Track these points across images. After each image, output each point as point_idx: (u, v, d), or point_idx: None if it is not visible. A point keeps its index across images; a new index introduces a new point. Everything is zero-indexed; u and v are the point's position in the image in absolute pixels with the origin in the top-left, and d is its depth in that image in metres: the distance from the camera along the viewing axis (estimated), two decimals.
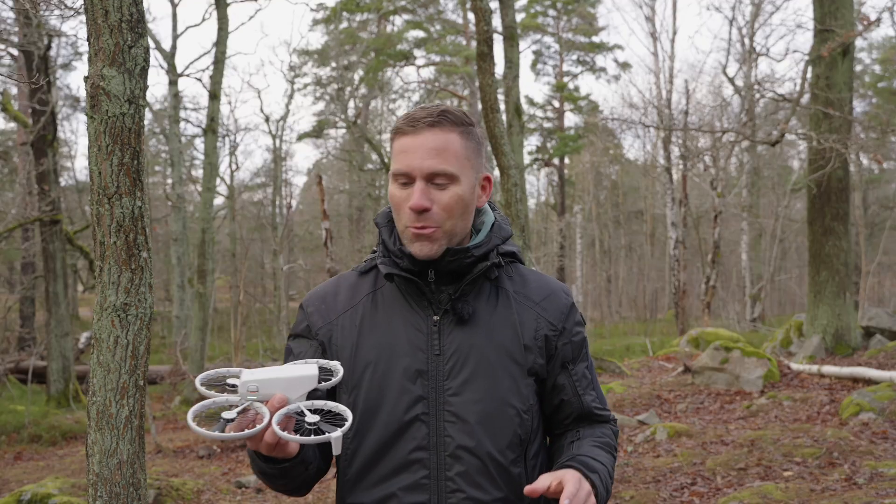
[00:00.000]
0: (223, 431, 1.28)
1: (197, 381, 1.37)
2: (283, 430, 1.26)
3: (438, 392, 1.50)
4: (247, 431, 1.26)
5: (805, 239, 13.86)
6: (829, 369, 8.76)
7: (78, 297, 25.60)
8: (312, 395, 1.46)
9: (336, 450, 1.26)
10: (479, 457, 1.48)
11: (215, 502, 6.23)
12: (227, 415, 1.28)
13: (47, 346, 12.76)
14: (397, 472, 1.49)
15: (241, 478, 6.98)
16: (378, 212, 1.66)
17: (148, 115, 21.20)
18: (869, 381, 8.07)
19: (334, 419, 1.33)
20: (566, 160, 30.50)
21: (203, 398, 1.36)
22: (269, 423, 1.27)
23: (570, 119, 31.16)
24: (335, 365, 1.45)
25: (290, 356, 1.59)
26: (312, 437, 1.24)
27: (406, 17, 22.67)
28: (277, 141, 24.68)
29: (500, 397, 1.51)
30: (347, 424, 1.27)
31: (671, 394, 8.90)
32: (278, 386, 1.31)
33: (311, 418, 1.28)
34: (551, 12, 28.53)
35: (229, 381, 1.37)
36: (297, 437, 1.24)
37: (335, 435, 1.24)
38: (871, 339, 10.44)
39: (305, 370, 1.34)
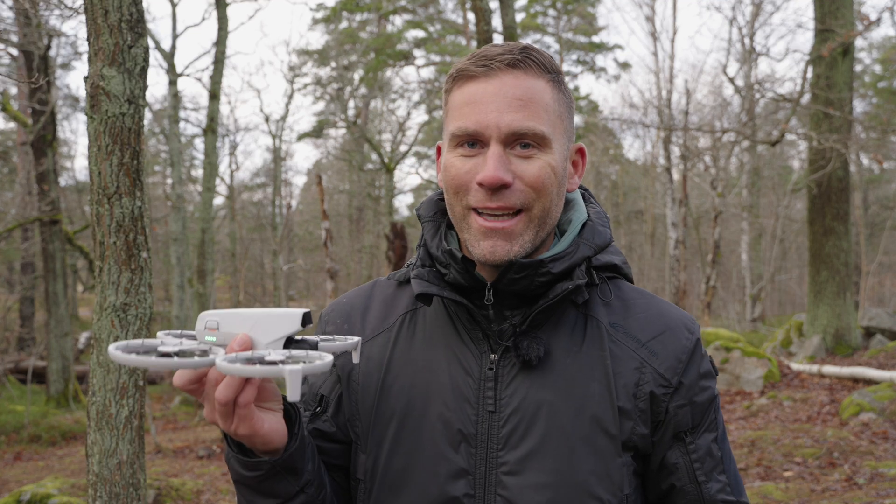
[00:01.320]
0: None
1: (159, 333, 1.02)
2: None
3: (489, 467, 1.06)
4: (178, 360, 0.88)
5: (805, 239, 13.88)
6: (829, 369, 8.76)
7: (78, 297, 25.60)
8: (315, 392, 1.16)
9: (292, 394, 0.85)
10: None
11: (215, 502, 6.23)
12: (163, 348, 0.91)
13: (47, 346, 12.76)
14: None
15: None
16: (420, 201, 1.19)
17: (148, 115, 21.22)
18: (869, 382, 8.07)
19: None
20: None
21: None
22: (213, 360, 0.90)
23: None
24: (351, 338, 1.07)
25: (304, 382, 1.15)
26: (258, 367, 0.86)
27: (406, 16, 22.67)
28: (277, 141, 24.70)
29: (578, 483, 1.05)
30: (317, 364, 0.87)
31: None
32: (245, 324, 0.95)
33: (275, 356, 0.90)
34: (551, 12, 28.54)
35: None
36: (238, 366, 0.87)
37: (292, 368, 0.85)
38: (871, 339, 10.44)
39: (287, 310, 0.96)
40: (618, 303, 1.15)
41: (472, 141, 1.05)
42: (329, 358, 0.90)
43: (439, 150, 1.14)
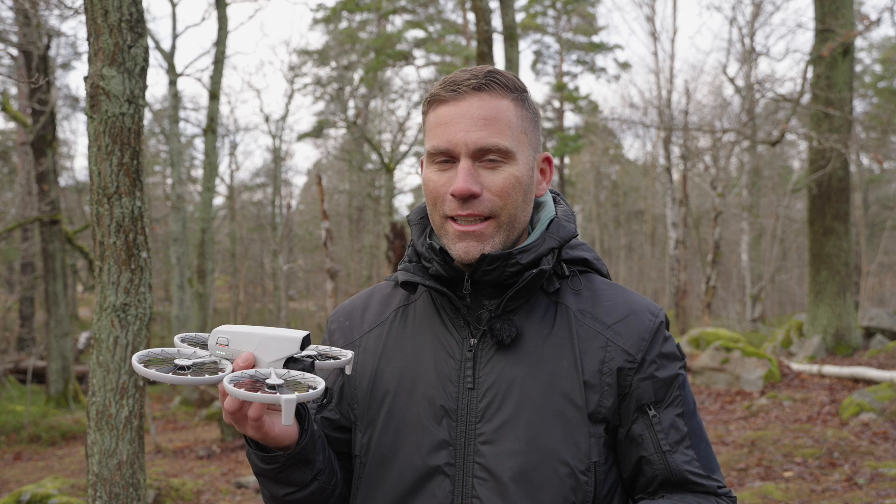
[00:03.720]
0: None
1: (176, 338, 1.16)
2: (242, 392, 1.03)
3: (468, 438, 1.18)
4: (190, 377, 1.04)
5: (805, 239, 13.88)
6: (829, 369, 8.76)
7: (77, 297, 25.60)
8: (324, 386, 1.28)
9: (286, 418, 0.98)
10: None
11: (215, 503, 6.23)
12: (181, 361, 1.06)
13: (47, 346, 12.76)
14: None
15: (240, 478, 6.97)
16: (414, 206, 1.35)
17: (148, 115, 21.22)
18: (869, 382, 8.07)
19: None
20: (566, 160, 30.50)
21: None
22: (222, 378, 1.04)
23: (570, 119, 31.19)
24: (345, 353, 1.21)
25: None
26: (259, 394, 0.99)
27: (406, 16, 22.66)
28: (277, 141, 24.71)
29: (547, 450, 1.15)
30: (311, 392, 1.01)
31: None
32: (251, 343, 1.08)
33: (274, 380, 1.03)
34: (551, 12, 28.53)
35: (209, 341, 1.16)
36: (241, 391, 1.00)
37: (286, 398, 0.97)
38: (871, 339, 10.44)
39: (289, 332, 1.09)
40: (587, 293, 1.27)
41: (446, 157, 1.19)
42: (322, 385, 1.04)
43: (422, 165, 1.27)
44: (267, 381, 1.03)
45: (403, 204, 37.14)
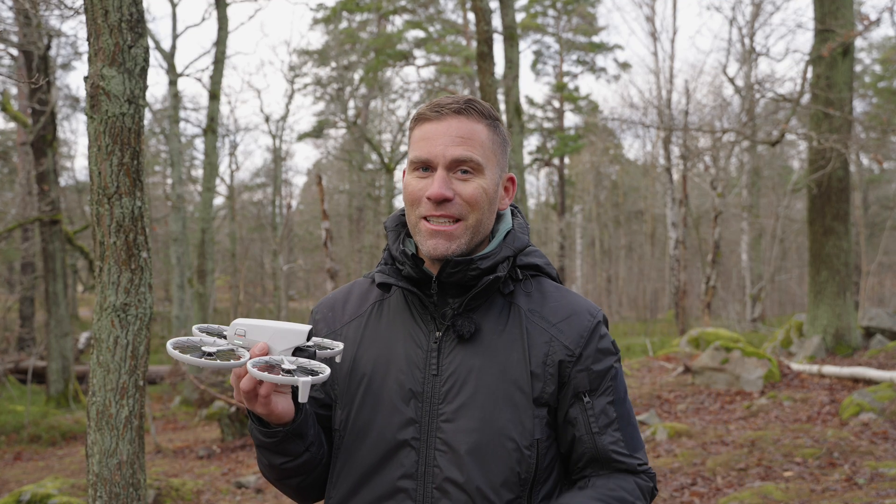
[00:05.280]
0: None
1: (194, 328, 1.35)
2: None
3: (432, 417, 1.38)
4: (219, 362, 1.25)
5: (805, 239, 13.88)
6: (829, 369, 8.76)
7: (78, 297, 25.60)
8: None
9: (302, 397, 1.21)
10: (468, 493, 1.34)
11: (215, 503, 6.23)
12: (207, 348, 1.27)
13: (47, 346, 12.76)
14: (381, 501, 1.38)
15: (240, 478, 6.97)
16: (388, 216, 1.58)
17: (148, 115, 21.22)
18: (869, 382, 8.07)
19: (313, 374, 1.29)
20: (566, 160, 30.49)
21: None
22: (245, 362, 1.24)
23: (570, 119, 31.23)
24: (337, 345, 1.41)
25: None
26: (281, 376, 1.21)
27: (406, 17, 22.65)
28: (277, 141, 24.71)
29: (497, 428, 1.36)
30: (321, 376, 1.23)
31: (671, 394, 8.89)
32: (265, 334, 1.28)
33: (287, 365, 1.24)
34: (551, 12, 28.53)
35: (225, 332, 1.35)
36: (265, 374, 1.21)
37: (304, 380, 1.19)
38: (871, 339, 10.44)
39: (297, 326, 1.29)
40: (537, 294, 1.47)
41: (425, 166, 1.40)
42: (327, 371, 1.26)
43: (405, 173, 1.46)
44: (282, 366, 1.24)
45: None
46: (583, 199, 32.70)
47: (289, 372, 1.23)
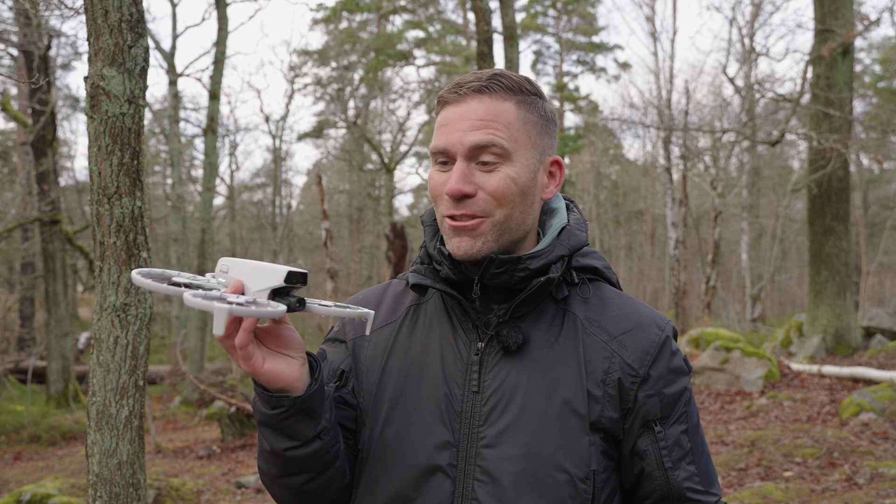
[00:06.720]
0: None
1: (133, 272, 1.18)
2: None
3: (471, 441, 1.19)
4: (172, 288, 1.09)
5: (805, 239, 13.88)
6: (829, 369, 8.76)
7: (78, 297, 25.59)
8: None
9: (217, 328, 1.04)
10: None
11: (215, 503, 6.23)
12: (177, 279, 1.12)
13: (47, 346, 12.76)
14: None
15: (240, 478, 6.98)
16: (421, 209, 1.39)
17: (148, 115, 21.22)
18: (869, 382, 8.07)
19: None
20: (566, 160, 30.50)
21: None
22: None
23: (570, 119, 31.18)
24: (363, 309, 1.19)
25: (322, 360, 1.32)
26: (253, 308, 1.02)
27: (406, 17, 22.65)
28: (277, 141, 24.71)
29: (546, 456, 1.16)
30: (252, 309, 1.03)
31: None
32: (244, 271, 1.14)
33: (235, 299, 1.06)
34: (551, 12, 28.53)
35: (174, 277, 1.19)
36: (188, 296, 1.03)
37: (219, 306, 1.01)
38: (871, 339, 10.44)
39: (278, 266, 1.11)
40: (596, 301, 1.27)
41: (445, 158, 1.20)
42: (279, 308, 1.04)
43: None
44: (228, 298, 1.05)
45: (403, 204, 37.12)
46: (583, 199, 32.70)
47: (229, 303, 1.03)
